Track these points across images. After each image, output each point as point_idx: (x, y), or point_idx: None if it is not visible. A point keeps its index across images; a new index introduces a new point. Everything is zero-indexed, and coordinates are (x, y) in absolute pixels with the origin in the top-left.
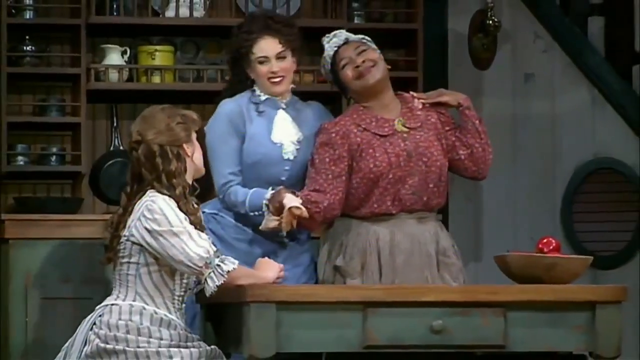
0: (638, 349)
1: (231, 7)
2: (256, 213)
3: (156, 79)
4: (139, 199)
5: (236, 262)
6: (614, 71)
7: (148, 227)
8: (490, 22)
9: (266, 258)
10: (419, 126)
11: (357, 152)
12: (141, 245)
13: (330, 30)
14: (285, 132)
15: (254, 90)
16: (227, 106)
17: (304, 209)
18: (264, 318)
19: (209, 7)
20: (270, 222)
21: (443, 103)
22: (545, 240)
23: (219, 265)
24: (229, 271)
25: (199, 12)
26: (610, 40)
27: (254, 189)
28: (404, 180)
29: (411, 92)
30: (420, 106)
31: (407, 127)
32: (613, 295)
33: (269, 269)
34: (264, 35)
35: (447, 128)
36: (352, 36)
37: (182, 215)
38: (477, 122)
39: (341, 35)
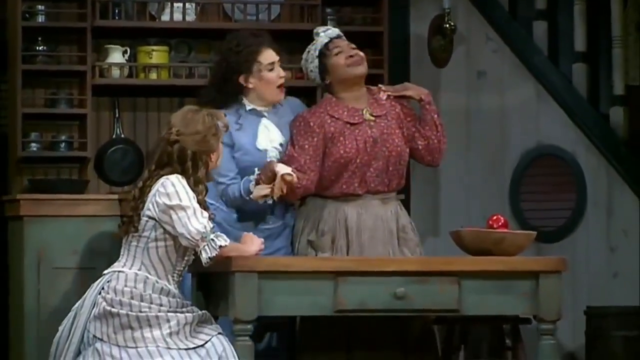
0: (574, 311)
1: (219, 13)
2: (250, 197)
3: (153, 75)
4: (158, 178)
5: (228, 239)
6: (556, 69)
7: (159, 200)
8: (447, 25)
9: (250, 233)
10: (383, 114)
11: (330, 139)
12: (155, 220)
13: (306, 32)
14: (268, 139)
15: (241, 101)
16: None
17: (295, 176)
18: (247, 286)
19: (200, 12)
20: (261, 190)
21: (407, 96)
22: (494, 217)
23: (213, 240)
24: (221, 246)
25: (191, 17)
26: (553, 41)
27: (244, 178)
28: (369, 164)
29: (379, 85)
30: (385, 97)
31: (374, 116)
32: (554, 266)
33: (252, 243)
34: (264, 46)
35: (408, 119)
36: (343, 35)
37: (191, 194)
38: (435, 116)
39: (336, 29)
